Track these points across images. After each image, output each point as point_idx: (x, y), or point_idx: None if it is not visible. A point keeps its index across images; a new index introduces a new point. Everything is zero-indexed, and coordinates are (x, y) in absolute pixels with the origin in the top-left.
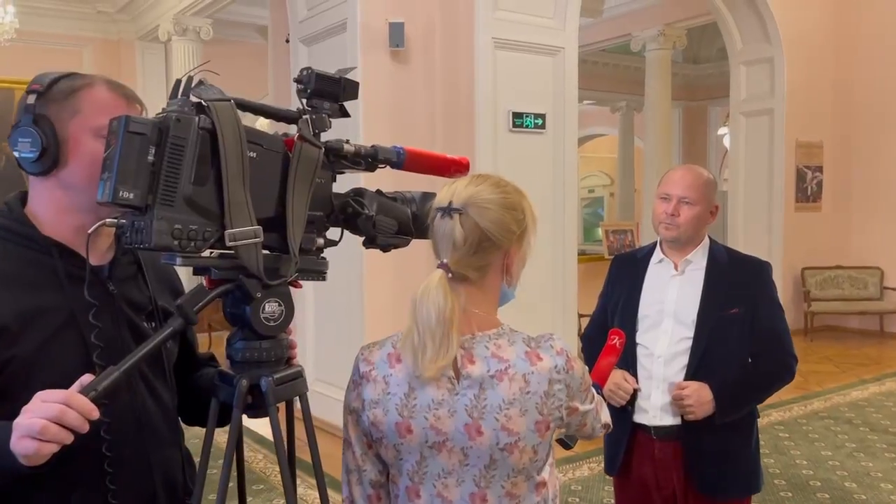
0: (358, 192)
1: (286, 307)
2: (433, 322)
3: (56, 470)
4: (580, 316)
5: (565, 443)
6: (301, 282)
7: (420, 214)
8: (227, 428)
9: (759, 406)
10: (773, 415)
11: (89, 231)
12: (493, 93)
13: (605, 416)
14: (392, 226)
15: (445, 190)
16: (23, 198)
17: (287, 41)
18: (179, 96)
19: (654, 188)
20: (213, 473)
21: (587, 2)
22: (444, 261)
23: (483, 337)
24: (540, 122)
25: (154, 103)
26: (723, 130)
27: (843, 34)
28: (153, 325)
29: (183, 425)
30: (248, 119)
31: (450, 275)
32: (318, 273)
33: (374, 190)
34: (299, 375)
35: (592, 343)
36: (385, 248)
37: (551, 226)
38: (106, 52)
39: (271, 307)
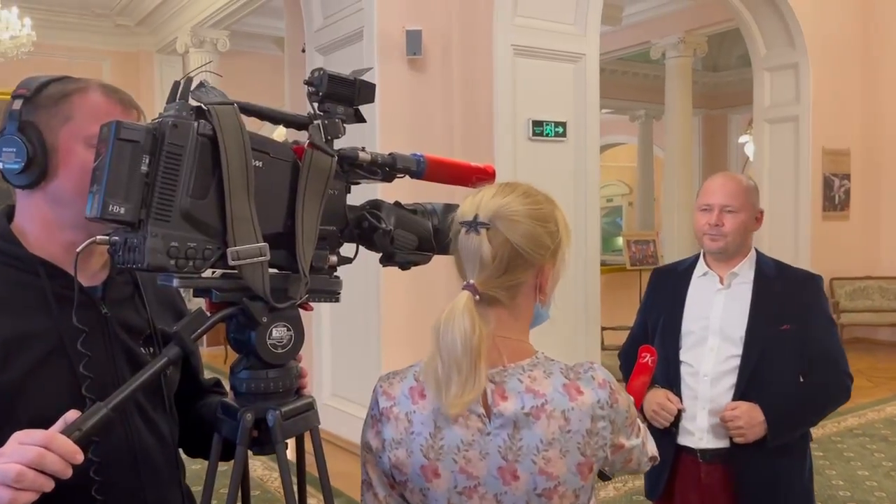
0: (374, 205)
1: (295, 332)
2: (459, 351)
3: None
4: (603, 329)
5: (604, 474)
6: (312, 303)
7: (442, 228)
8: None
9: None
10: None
11: (78, 250)
12: (513, 101)
13: (652, 448)
14: (412, 241)
15: (469, 201)
16: (9, 212)
17: (303, 51)
18: (178, 100)
19: (674, 197)
20: None
21: (606, 10)
22: (471, 281)
23: (516, 369)
24: (561, 130)
25: None
26: (744, 138)
27: (870, 39)
28: (151, 350)
29: (185, 458)
30: (266, 128)
31: (477, 297)
32: (331, 294)
33: (391, 202)
34: (310, 407)
35: (630, 360)
36: (404, 266)
37: (573, 237)
38: (125, 65)
39: (279, 332)
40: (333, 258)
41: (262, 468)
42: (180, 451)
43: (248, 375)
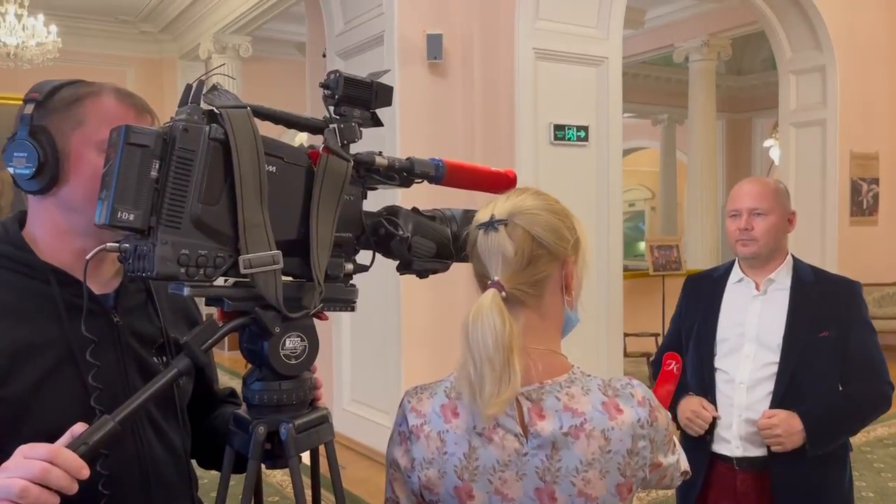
0: (392, 211)
1: (310, 342)
2: (490, 347)
3: None
4: (625, 335)
5: None
6: (328, 312)
7: (461, 235)
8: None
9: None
10: None
11: (87, 257)
12: (534, 105)
13: (685, 463)
14: (430, 248)
15: (483, 210)
16: (21, 219)
17: (324, 55)
18: (190, 103)
19: (697, 202)
20: None
21: (628, 13)
22: (496, 278)
23: (553, 386)
24: (583, 134)
25: None
26: (769, 142)
27: None
28: (164, 359)
29: (198, 469)
30: (288, 135)
31: (503, 294)
32: (347, 302)
33: (409, 208)
34: (325, 420)
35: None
36: (422, 275)
37: (595, 242)
38: (149, 71)
39: (293, 343)
40: (349, 266)
41: (281, 473)
42: (193, 462)
43: (260, 387)
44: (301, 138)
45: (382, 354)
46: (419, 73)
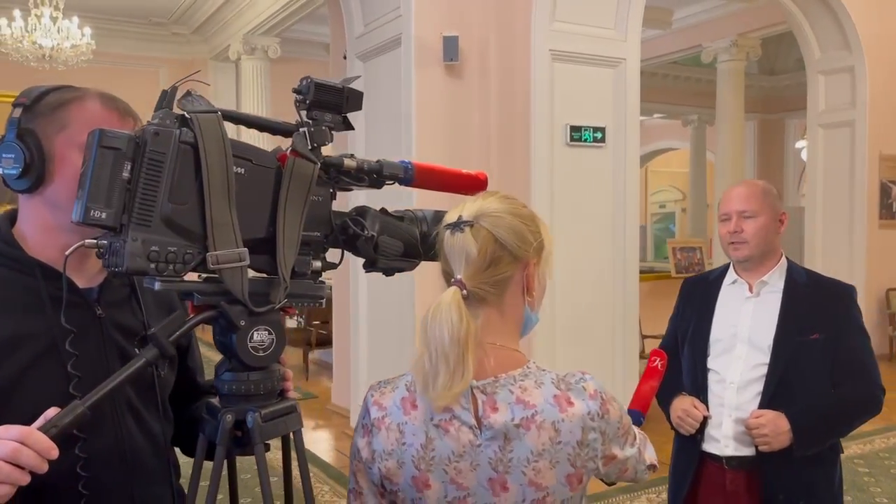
0: (360, 212)
1: (277, 336)
2: (446, 342)
3: None
4: (643, 337)
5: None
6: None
7: (431, 234)
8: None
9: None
10: (852, 447)
11: (66, 253)
12: (550, 106)
13: (651, 456)
14: (397, 248)
15: (452, 211)
16: (13, 216)
17: (345, 57)
18: (162, 108)
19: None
20: None
21: (656, 13)
22: (458, 277)
23: (507, 379)
24: (599, 135)
25: None
26: (800, 144)
27: None
28: (167, 357)
29: (182, 459)
30: (279, 139)
31: (465, 292)
32: (315, 298)
33: (378, 209)
34: (292, 410)
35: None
36: (388, 273)
37: (611, 243)
38: (181, 72)
39: (260, 336)
40: (317, 263)
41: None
42: (177, 450)
43: (230, 377)
44: None
45: (398, 352)
46: (436, 74)
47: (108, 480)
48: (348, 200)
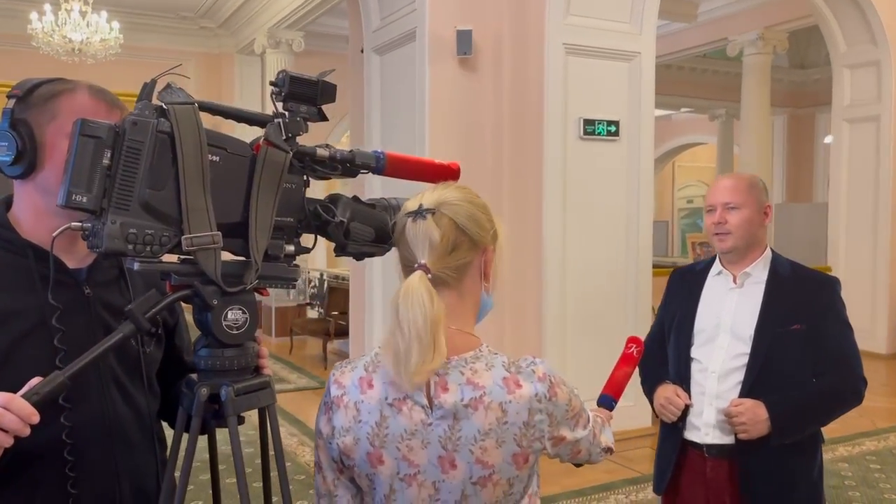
0: (332, 199)
1: (250, 315)
2: (420, 323)
3: (20, 470)
4: None
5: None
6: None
7: None
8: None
9: (848, 433)
10: (865, 444)
11: (54, 234)
12: (564, 99)
13: (607, 440)
14: (368, 233)
15: (411, 200)
16: (8, 201)
17: (362, 51)
18: (142, 100)
19: None
20: (230, 483)
21: (681, 6)
22: (422, 261)
23: (459, 361)
24: (613, 129)
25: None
26: (829, 139)
27: None
28: (142, 332)
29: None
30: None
31: (429, 276)
32: (288, 280)
33: (350, 196)
34: (266, 385)
35: (646, 358)
36: (358, 257)
37: (625, 237)
38: (208, 66)
39: (234, 315)
40: (290, 248)
41: (296, 443)
42: (166, 425)
43: (206, 353)
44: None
45: None
46: (449, 68)
47: (92, 448)
48: (363, 188)
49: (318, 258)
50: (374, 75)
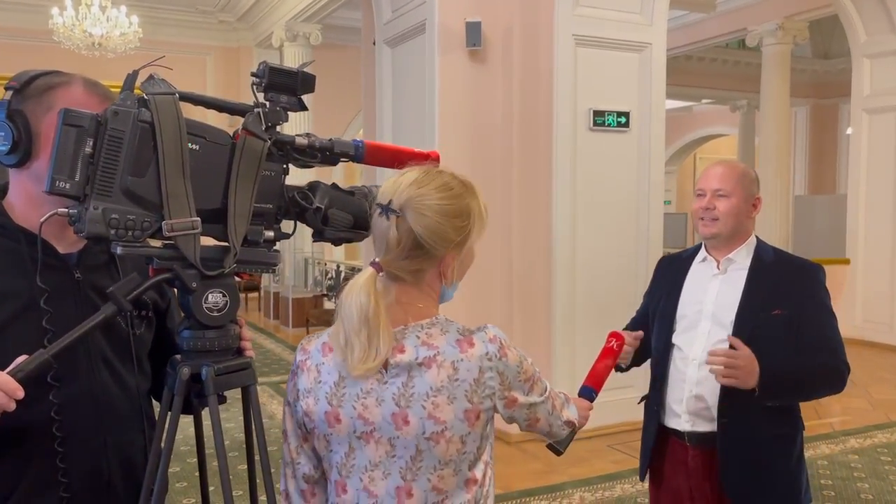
0: (311, 186)
1: (231, 298)
2: (355, 321)
3: (10, 445)
4: None
5: (555, 448)
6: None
7: None
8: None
9: (860, 426)
10: (877, 436)
11: (42, 220)
12: (573, 91)
13: (569, 414)
14: (347, 220)
15: (390, 182)
16: (4, 189)
17: (374, 43)
18: (125, 90)
19: (767, 190)
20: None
21: None
22: (377, 260)
23: (415, 327)
24: (623, 120)
25: None
26: (851, 130)
27: None
28: (122, 312)
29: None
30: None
31: (381, 273)
32: (268, 265)
33: (330, 183)
34: (247, 366)
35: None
36: (335, 242)
37: (635, 228)
38: (226, 59)
39: (214, 298)
40: (270, 233)
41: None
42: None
43: (188, 335)
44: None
45: None
46: (459, 60)
47: (81, 424)
48: (375, 178)
49: (336, 250)
50: (386, 68)
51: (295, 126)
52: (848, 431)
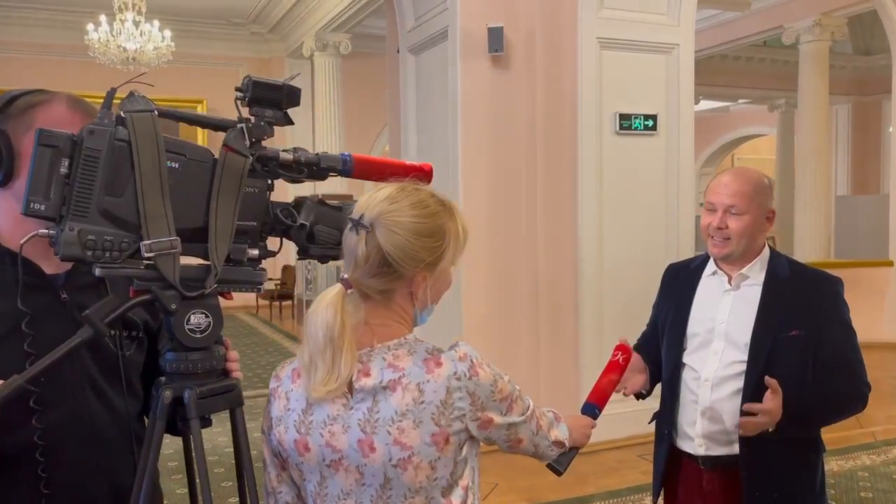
0: (296, 203)
1: (214, 319)
2: (320, 341)
3: None
4: None
5: (555, 469)
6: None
7: None
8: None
9: (876, 440)
10: (894, 452)
11: (21, 241)
12: (598, 94)
13: (558, 434)
14: (334, 237)
15: (365, 197)
16: None
17: (398, 51)
18: (104, 109)
19: (807, 191)
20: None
21: None
22: (345, 276)
23: (382, 349)
24: (651, 123)
25: (297, 113)
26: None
27: None
28: (112, 333)
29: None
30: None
31: (349, 290)
32: (253, 284)
33: (316, 199)
34: (232, 388)
35: (640, 354)
36: (322, 260)
37: (664, 232)
38: (259, 70)
39: (197, 319)
40: (254, 252)
41: None
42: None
43: (172, 357)
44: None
45: (444, 343)
46: (482, 66)
47: (66, 450)
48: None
49: None
50: (410, 75)
51: (327, 140)
52: (890, 441)
